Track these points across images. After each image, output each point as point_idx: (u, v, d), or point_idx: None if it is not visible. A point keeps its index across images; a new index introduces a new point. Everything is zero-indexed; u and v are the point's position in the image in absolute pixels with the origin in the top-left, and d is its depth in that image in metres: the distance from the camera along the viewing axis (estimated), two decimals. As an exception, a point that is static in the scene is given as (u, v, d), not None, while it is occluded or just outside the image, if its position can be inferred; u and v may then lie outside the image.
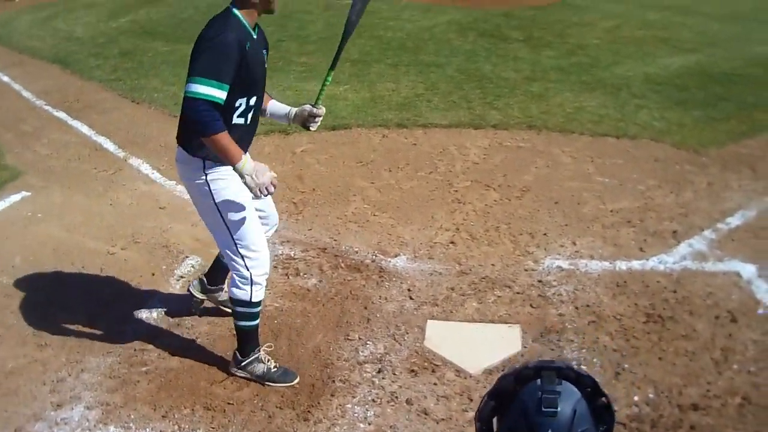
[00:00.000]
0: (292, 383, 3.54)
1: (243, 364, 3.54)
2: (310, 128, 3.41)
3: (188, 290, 3.99)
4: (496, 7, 16.18)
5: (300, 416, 3.34)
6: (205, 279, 3.94)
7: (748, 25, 15.95)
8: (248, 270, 3.28)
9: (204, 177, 3.15)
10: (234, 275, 3.36)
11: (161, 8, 17.75)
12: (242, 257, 3.25)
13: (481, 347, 3.79)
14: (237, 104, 3.09)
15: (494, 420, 1.38)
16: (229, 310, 3.67)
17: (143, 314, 4.20)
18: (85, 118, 7.72)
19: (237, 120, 3.13)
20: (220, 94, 2.90)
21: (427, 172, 5.66)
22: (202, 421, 3.31)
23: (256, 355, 3.53)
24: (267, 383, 3.52)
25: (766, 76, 9.80)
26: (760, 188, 5.54)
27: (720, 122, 7.33)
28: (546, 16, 15.03)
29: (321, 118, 3.43)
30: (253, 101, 3.18)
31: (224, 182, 3.15)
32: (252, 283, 3.30)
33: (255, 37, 3.14)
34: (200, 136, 2.97)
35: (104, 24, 15.45)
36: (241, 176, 2.97)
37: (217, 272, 3.90)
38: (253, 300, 3.37)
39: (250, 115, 3.21)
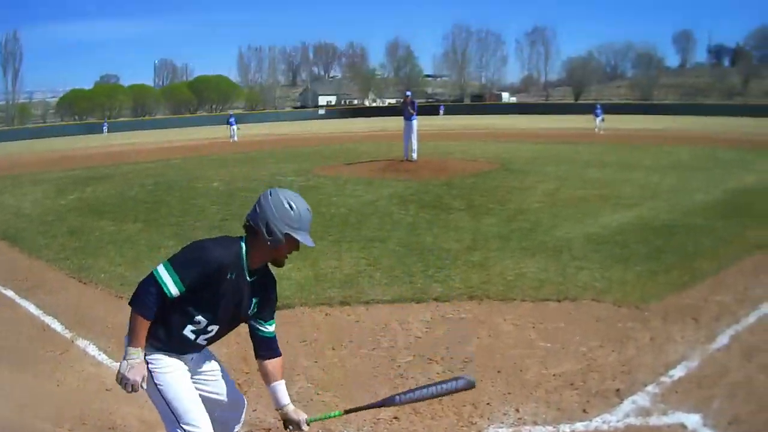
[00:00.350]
0: None
1: None
2: (288, 429, 3.54)
3: None
4: (436, 177, 17.35)
5: None
6: None
7: (687, 175, 17.42)
8: None
9: (146, 361, 3.38)
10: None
11: (108, 186, 18.70)
12: None
13: None
14: (197, 319, 3.27)
15: None
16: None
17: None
18: (33, 297, 7.95)
19: (188, 333, 3.29)
20: (173, 289, 3.10)
21: (369, 348, 5.92)
22: None
23: None
24: None
25: (705, 224, 10.66)
26: (702, 337, 5.93)
27: (661, 275, 7.89)
28: (486, 182, 16.18)
29: None
30: (212, 329, 3.35)
31: (165, 362, 3.36)
32: None
33: (247, 277, 3.31)
34: (129, 303, 3.17)
35: (52, 201, 16.43)
36: (123, 357, 3.17)
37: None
38: None
39: (203, 339, 3.38)
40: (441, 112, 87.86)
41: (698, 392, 4.81)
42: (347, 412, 3.56)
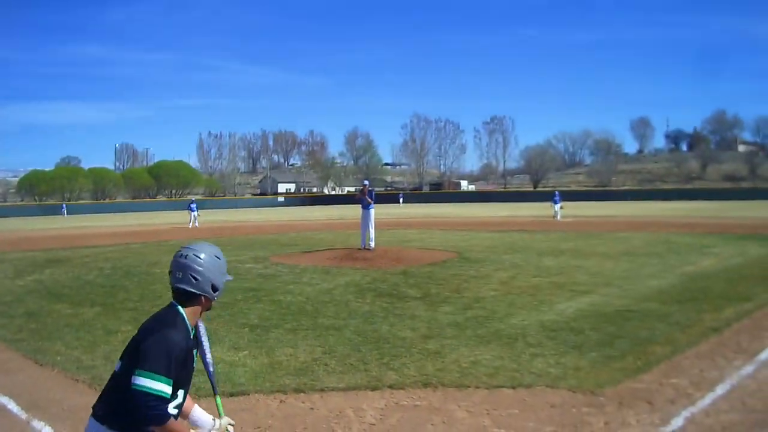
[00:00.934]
0: None
1: None
2: None
3: None
4: (393, 266, 17.50)
5: None
6: None
7: (640, 260, 17.87)
8: None
9: None
10: None
11: (66, 269, 18.70)
12: None
13: None
14: (177, 395, 3.31)
15: None
16: None
17: None
18: (-12, 378, 7.94)
19: (172, 411, 3.30)
20: (167, 389, 3.15)
21: (323, 437, 5.93)
22: None
23: None
24: None
25: (659, 310, 10.92)
26: (656, 420, 6.03)
27: (615, 360, 8.04)
28: (443, 271, 16.36)
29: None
30: (181, 395, 3.39)
31: None
32: None
33: (192, 335, 3.44)
34: (153, 427, 3.16)
35: (11, 281, 16.68)
36: None
37: None
38: None
39: (175, 409, 3.38)
40: (400, 201, 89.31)
41: (651, 476, 4.88)
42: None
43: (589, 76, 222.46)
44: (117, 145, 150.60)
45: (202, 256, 3.35)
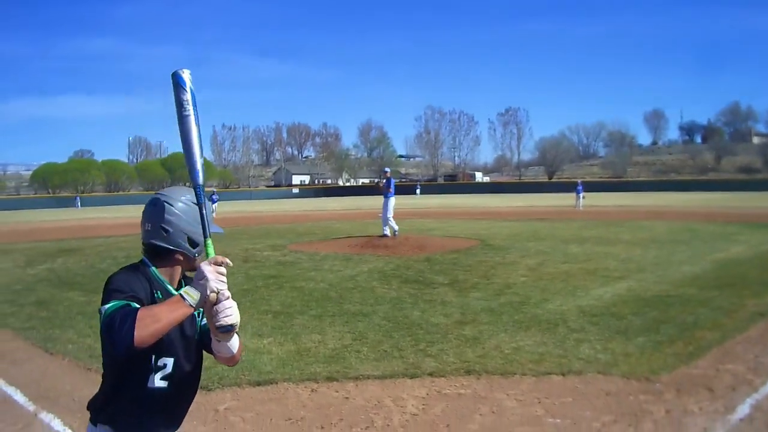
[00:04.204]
0: None
1: None
2: (221, 324, 2.56)
3: None
4: (416, 253, 17.05)
5: None
6: None
7: (668, 248, 17.36)
8: None
9: None
10: None
11: (79, 258, 18.35)
12: None
13: None
14: (153, 360, 2.72)
15: None
16: None
17: None
18: (-5, 367, 7.55)
19: (159, 383, 2.74)
20: (133, 301, 2.54)
21: (362, 427, 5.46)
22: None
23: None
24: None
25: (699, 295, 10.44)
26: (720, 408, 5.59)
27: (665, 346, 7.58)
28: (467, 258, 15.90)
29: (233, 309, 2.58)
30: (162, 362, 2.76)
31: None
32: None
33: (173, 293, 2.73)
34: (131, 339, 2.38)
35: (21, 270, 16.29)
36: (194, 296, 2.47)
37: None
38: None
39: (159, 379, 2.77)
40: (417, 191, 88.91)
41: (730, 468, 4.43)
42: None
43: (602, 68, 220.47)
44: (130, 138, 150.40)
45: (175, 203, 2.77)
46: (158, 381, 2.74)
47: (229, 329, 2.55)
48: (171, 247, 2.77)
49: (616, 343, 7.70)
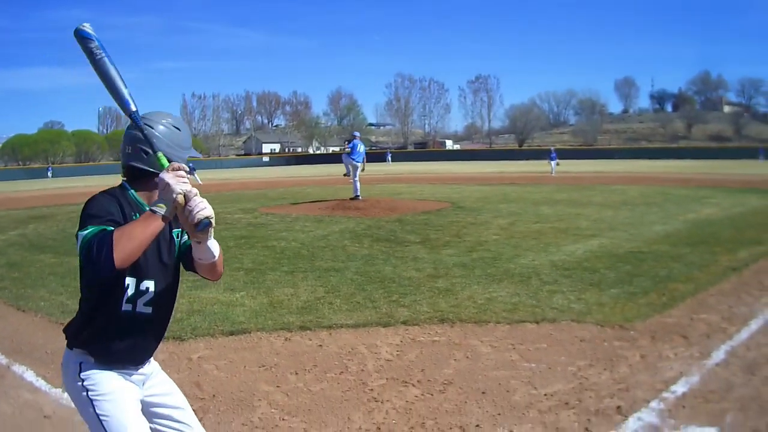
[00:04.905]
0: None
1: None
2: (198, 218, 2.56)
3: None
4: (387, 214, 16.96)
5: None
6: None
7: (640, 209, 17.45)
8: None
9: (81, 381, 2.75)
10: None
11: (50, 224, 18.06)
12: None
13: None
14: (127, 283, 2.70)
15: None
16: None
17: None
18: (-33, 325, 7.35)
19: (126, 306, 2.71)
20: (110, 225, 2.51)
21: (337, 372, 5.37)
22: None
23: None
24: None
25: (672, 251, 10.48)
26: (696, 353, 5.57)
27: (639, 297, 7.57)
28: (439, 219, 15.85)
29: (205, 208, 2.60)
30: (145, 286, 2.75)
31: (107, 386, 2.75)
32: None
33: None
34: (111, 262, 2.38)
35: None
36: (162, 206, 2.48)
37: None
38: None
39: (142, 304, 2.76)
40: (388, 158, 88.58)
41: (707, 407, 4.41)
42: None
43: (573, 36, 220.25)
44: (100, 108, 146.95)
45: (156, 125, 2.75)
46: (125, 304, 2.73)
47: (207, 224, 2.56)
48: (150, 169, 2.74)
49: (589, 294, 7.69)
